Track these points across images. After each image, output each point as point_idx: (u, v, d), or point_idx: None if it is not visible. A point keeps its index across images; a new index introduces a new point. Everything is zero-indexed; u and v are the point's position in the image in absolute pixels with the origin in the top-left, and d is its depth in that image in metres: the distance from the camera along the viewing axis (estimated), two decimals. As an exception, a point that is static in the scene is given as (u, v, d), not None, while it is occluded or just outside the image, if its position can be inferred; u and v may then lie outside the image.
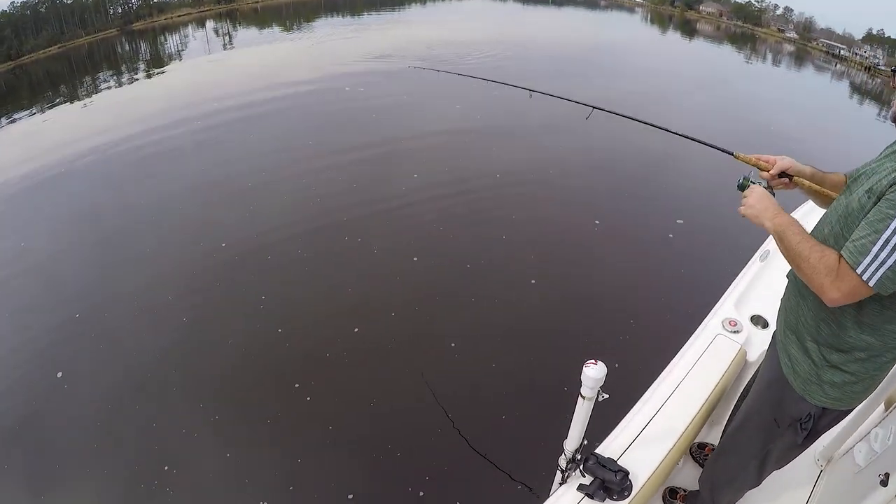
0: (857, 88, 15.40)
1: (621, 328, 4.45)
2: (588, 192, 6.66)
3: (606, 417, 1.90)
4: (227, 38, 33.01)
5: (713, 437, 2.40)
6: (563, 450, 1.80)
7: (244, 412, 4.23)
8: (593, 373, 1.55)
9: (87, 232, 7.58)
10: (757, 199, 1.63)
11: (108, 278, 6.18)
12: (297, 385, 4.33)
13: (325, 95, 12.17)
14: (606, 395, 1.63)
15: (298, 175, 8.04)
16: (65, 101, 19.67)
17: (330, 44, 20.07)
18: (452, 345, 4.46)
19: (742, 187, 1.79)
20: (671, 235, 5.46)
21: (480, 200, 6.65)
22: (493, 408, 3.85)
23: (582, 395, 1.62)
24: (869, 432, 2.00)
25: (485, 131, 8.90)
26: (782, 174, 1.76)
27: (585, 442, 1.77)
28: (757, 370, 1.95)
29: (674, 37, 16.72)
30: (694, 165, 6.88)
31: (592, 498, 1.70)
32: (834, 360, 1.54)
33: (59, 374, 4.77)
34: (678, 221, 5.52)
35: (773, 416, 1.73)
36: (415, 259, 5.68)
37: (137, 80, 21.99)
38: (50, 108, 18.76)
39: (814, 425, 1.65)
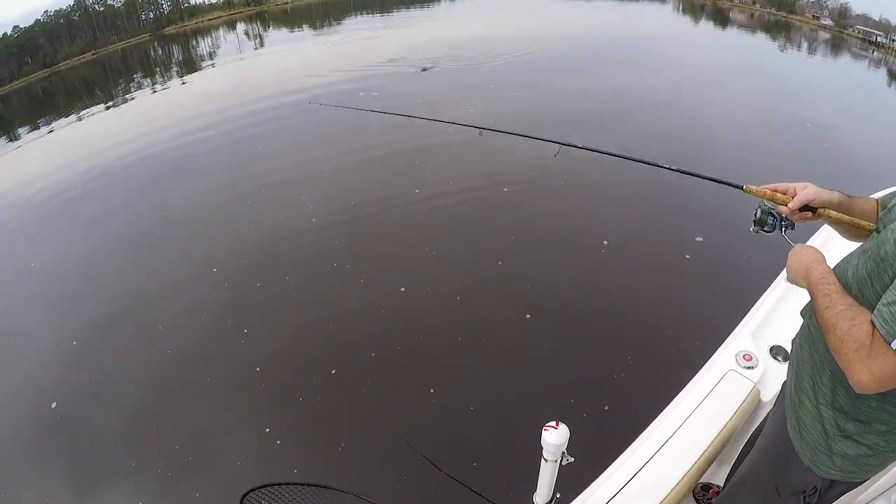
0: (895, 76, 14.82)
1: (621, 363, 4.18)
2: (597, 208, 6.39)
3: (599, 459, 1.84)
4: (257, 39, 33.39)
5: (720, 477, 2.24)
6: (534, 502, 1.71)
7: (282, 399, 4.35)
8: (552, 438, 1.43)
9: (127, 230, 7.94)
10: (794, 258, 1.41)
11: (148, 274, 6.47)
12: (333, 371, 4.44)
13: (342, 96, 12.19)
14: (571, 459, 1.51)
15: (321, 174, 8.21)
16: (100, 106, 20.11)
17: (350, 44, 20.07)
18: (431, 390, 4.22)
19: (761, 223, 1.58)
20: (688, 256, 5.23)
21: (482, 209, 6.56)
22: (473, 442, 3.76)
23: (544, 458, 1.51)
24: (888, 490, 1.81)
25: (491, 139, 8.69)
26: (805, 207, 1.50)
27: (558, 495, 1.67)
28: (766, 416, 1.79)
29: (706, 26, 16.26)
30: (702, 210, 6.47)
31: None
32: (849, 431, 1.33)
33: (106, 361, 5.15)
34: (697, 239, 5.28)
35: (774, 482, 1.57)
36: (432, 251, 5.79)
37: (171, 83, 22.43)
38: (86, 113, 19.26)
39: (819, 499, 1.47)
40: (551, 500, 1.67)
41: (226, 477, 3.77)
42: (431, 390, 4.01)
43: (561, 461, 1.51)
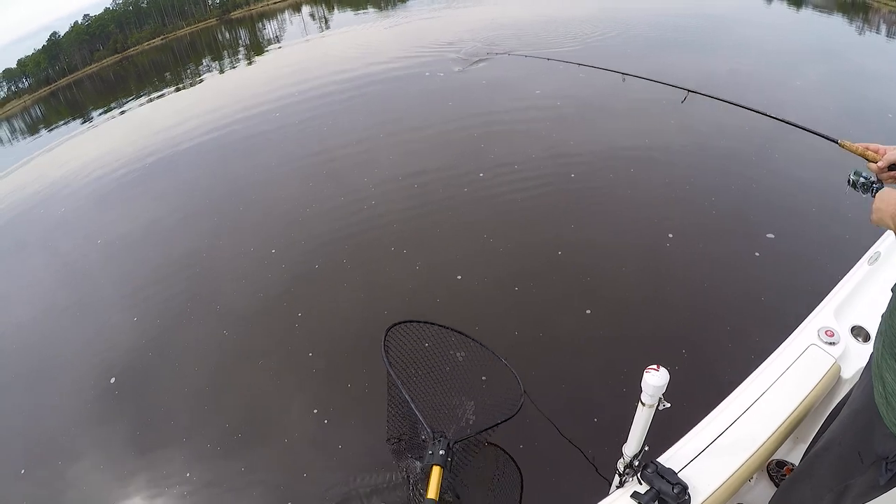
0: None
1: (700, 333, 4.10)
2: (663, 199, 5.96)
3: (678, 423, 1.82)
4: (322, 21, 33.92)
5: (795, 455, 2.24)
6: (623, 454, 1.75)
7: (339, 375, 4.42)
8: (654, 380, 1.48)
9: (198, 204, 8.31)
10: (881, 201, 1.44)
11: (215, 248, 6.75)
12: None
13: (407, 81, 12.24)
14: (668, 405, 1.55)
15: (388, 148, 8.34)
16: (170, 88, 20.93)
17: (409, 25, 20.02)
18: (516, 333, 4.32)
19: (855, 184, 1.63)
20: (758, 254, 4.94)
21: (546, 195, 6.32)
22: (564, 402, 3.75)
23: (641, 402, 1.56)
24: None
25: (560, 119, 8.44)
26: (893, 166, 1.55)
27: (647, 448, 1.71)
28: (851, 389, 1.77)
29: (779, 7, 15.30)
30: (792, 164, 6.05)
31: None
32: None
33: (168, 333, 5.39)
34: (768, 236, 5.01)
35: (857, 448, 1.55)
36: (488, 237, 5.64)
37: (238, 65, 23.06)
38: (157, 95, 20.07)
39: None
40: (639, 453, 1.71)
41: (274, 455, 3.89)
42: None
43: (658, 406, 1.56)
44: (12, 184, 13.46)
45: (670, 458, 1.76)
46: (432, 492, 2.31)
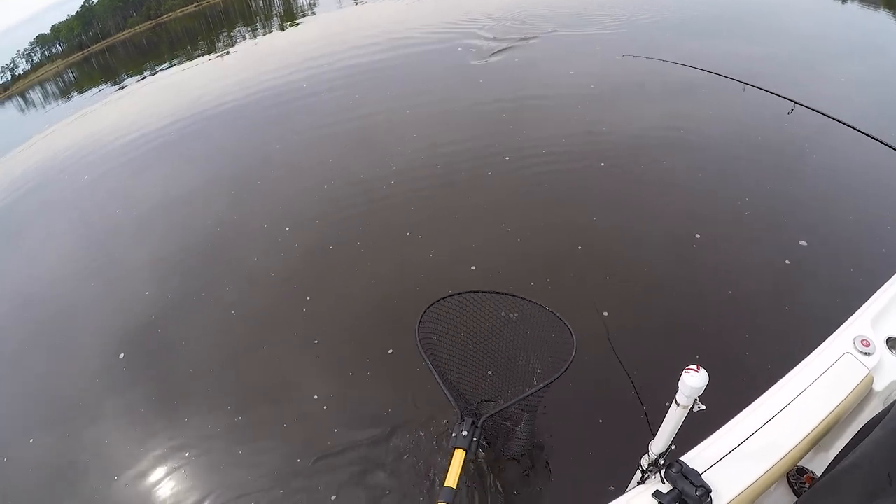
0: None
1: (729, 335, 3.96)
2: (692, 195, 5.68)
3: (703, 423, 1.79)
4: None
5: (816, 464, 2.18)
6: (648, 450, 1.73)
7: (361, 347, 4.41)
8: (692, 381, 1.45)
9: (227, 169, 8.42)
10: None
11: (242, 214, 6.82)
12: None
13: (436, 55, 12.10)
14: (703, 407, 1.53)
15: (407, 134, 8.05)
16: (202, 56, 21.02)
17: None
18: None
19: None
20: (787, 262, 4.70)
21: (570, 185, 6.08)
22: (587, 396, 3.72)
23: (676, 402, 1.54)
24: None
25: (586, 107, 8.03)
26: None
27: (673, 447, 1.69)
28: (889, 408, 1.72)
29: None
30: (829, 167, 5.69)
31: None
32: None
33: (197, 297, 5.50)
34: (801, 243, 4.78)
35: (887, 469, 1.52)
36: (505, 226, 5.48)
37: (271, 33, 23.07)
38: (190, 63, 20.23)
39: None
40: (666, 452, 1.70)
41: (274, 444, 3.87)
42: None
43: (692, 408, 1.54)
44: (43, 147, 13.79)
45: (694, 459, 1.73)
46: (451, 479, 2.21)
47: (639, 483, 1.77)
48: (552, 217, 5.54)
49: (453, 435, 2.42)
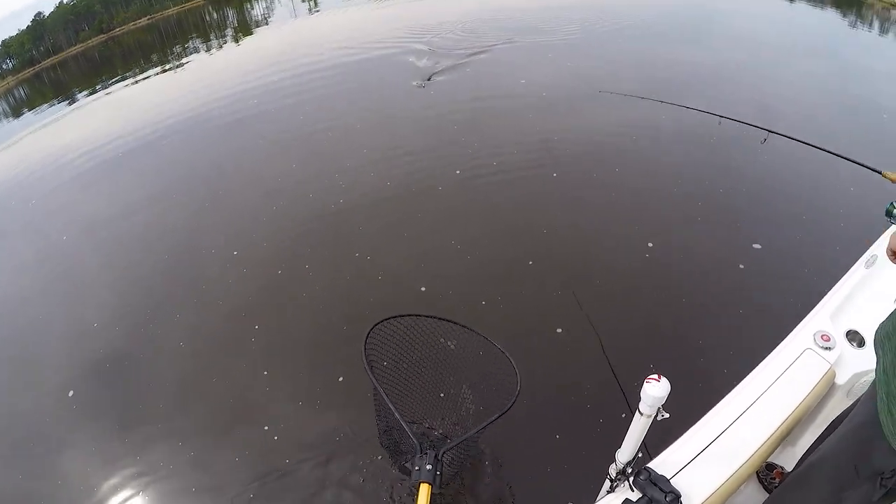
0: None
1: (688, 340, 4.01)
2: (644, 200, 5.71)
3: (669, 428, 1.78)
4: (312, 1, 33.52)
5: (785, 458, 2.22)
6: (615, 459, 1.73)
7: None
8: (654, 391, 1.45)
9: (177, 187, 8.22)
10: None
11: (190, 237, 6.65)
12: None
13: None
14: (667, 415, 1.53)
15: (360, 146, 8.08)
16: (156, 69, 20.66)
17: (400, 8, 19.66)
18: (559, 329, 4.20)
19: (889, 213, 1.75)
20: (755, 247, 4.72)
21: (522, 195, 6.11)
22: (551, 406, 3.66)
23: (639, 411, 1.54)
24: None
25: (530, 113, 8.20)
26: None
27: (640, 455, 1.69)
28: (855, 403, 1.75)
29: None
30: (779, 168, 5.86)
31: None
32: None
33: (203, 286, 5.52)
34: (755, 246, 4.75)
35: (854, 462, 1.56)
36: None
37: (225, 46, 22.79)
38: (142, 76, 19.82)
39: None
40: (633, 460, 1.69)
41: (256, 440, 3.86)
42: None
43: (656, 416, 1.53)
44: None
45: (662, 464, 1.74)
46: None
47: (608, 492, 1.77)
48: (501, 232, 5.55)
49: (416, 468, 2.33)
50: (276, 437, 3.83)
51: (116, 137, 11.40)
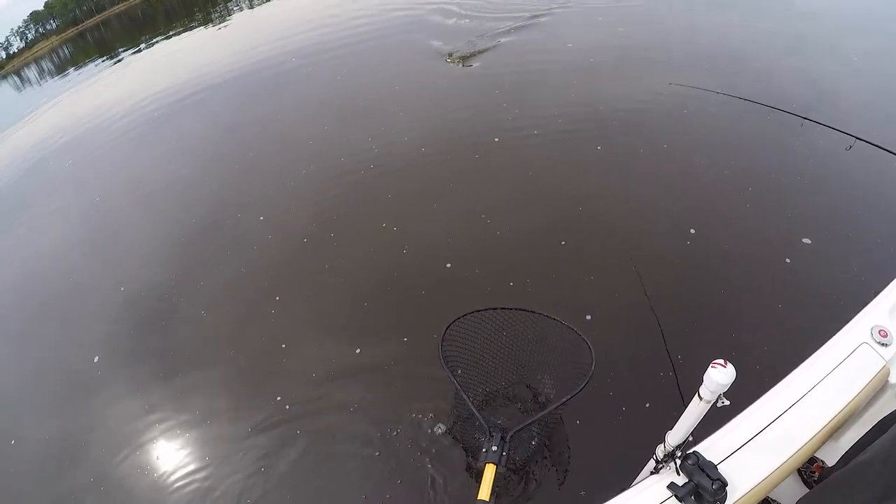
0: None
1: (743, 324, 3.83)
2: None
3: (718, 412, 1.74)
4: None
5: (827, 452, 2.12)
6: (664, 440, 1.70)
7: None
8: (719, 376, 1.41)
9: (225, 145, 8.26)
10: None
11: (240, 189, 6.74)
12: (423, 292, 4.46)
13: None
14: (727, 402, 1.50)
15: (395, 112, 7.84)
16: (198, 26, 20.76)
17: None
18: (588, 317, 3.95)
19: None
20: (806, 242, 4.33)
21: (552, 174, 5.66)
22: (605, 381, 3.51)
23: (699, 396, 1.50)
24: None
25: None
26: None
27: (690, 439, 1.66)
28: None
29: None
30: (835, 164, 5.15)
31: (681, 502, 1.58)
32: None
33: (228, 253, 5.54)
34: (804, 241, 4.34)
35: None
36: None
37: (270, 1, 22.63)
38: (186, 31, 19.96)
39: None
40: (683, 444, 1.66)
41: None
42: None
43: (715, 402, 1.51)
44: (41, 125, 13.72)
45: (709, 449, 1.69)
46: (484, 492, 2.28)
47: (651, 472, 1.73)
48: (537, 209, 5.21)
49: (483, 450, 2.48)
50: (287, 407, 3.90)
51: (155, 96, 11.64)
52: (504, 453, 2.44)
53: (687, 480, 1.60)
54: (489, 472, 2.35)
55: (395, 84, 8.70)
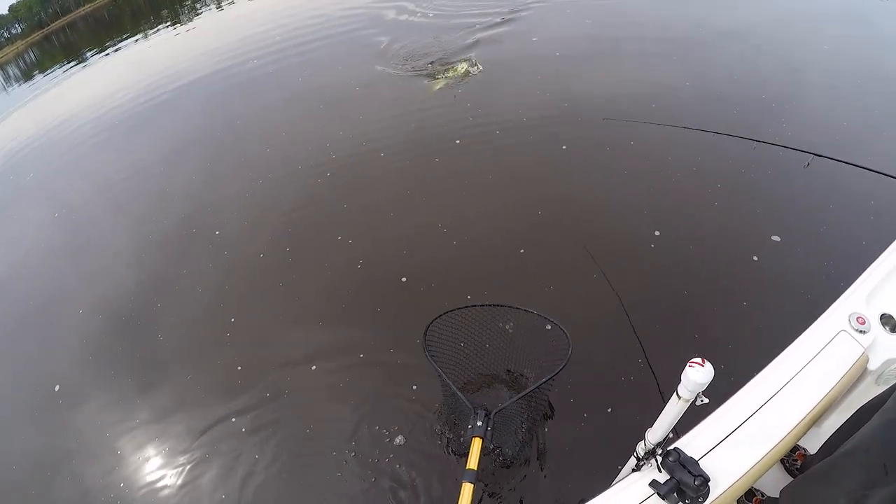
0: None
1: (717, 319, 3.79)
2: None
3: (697, 407, 1.74)
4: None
5: (808, 440, 2.15)
6: (644, 438, 1.68)
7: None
8: (696, 376, 1.38)
9: (197, 143, 8.24)
10: None
11: (196, 203, 6.58)
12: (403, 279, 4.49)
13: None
14: (706, 400, 1.48)
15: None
16: (166, 26, 20.46)
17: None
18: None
19: None
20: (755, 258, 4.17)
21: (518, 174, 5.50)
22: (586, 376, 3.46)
23: (678, 394, 1.48)
24: None
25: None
26: None
27: (671, 436, 1.64)
28: (886, 392, 1.70)
29: None
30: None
31: (663, 499, 1.57)
32: None
33: (183, 271, 5.42)
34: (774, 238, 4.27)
35: (883, 460, 1.51)
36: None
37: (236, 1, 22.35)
38: (153, 33, 19.67)
39: None
40: (663, 441, 1.65)
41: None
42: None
43: (694, 401, 1.49)
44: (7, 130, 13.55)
45: (689, 445, 1.69)
46: (472, 462, 2.48)
47: (633, 470, 1.72)
48: (491, 217, 5.05)
49: (469, 426, 2.69)
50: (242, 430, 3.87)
51: (124, 99, 11.53)
52: (489, 428, 2.64)
53: (669, 478, 1.59)
54: (476, 445, 2.57)
55: (356, 86, 8.51)
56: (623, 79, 6.85)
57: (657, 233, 4.44)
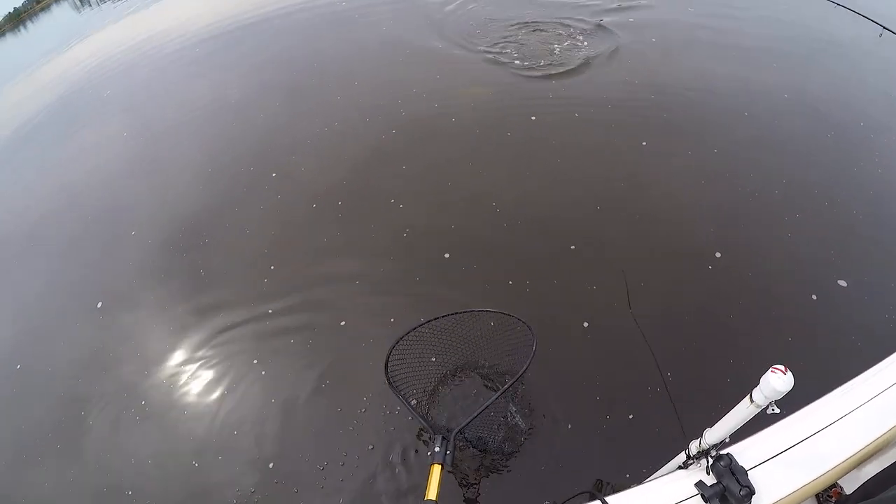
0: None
1: (788, 334, 3.59)
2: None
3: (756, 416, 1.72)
4: None
5: (847, 479, 1.97)
6: (701, 437, 1.68)
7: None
8: (777, 382, 1.37)
9: (275, 80, 8.20)
10: None
11: (294, 124, 6.77)
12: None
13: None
14: (777, 410, 1.47)
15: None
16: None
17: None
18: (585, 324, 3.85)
19: None
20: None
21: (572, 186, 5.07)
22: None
23: (751, 398, 1.47)
24: None
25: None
26: None
27: (727, 440, 1.64)
28: None
29: None
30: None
31: (706, 502, 1.57)
32: None
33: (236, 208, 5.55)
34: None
35: None
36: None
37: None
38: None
39: None
40: (720, 444, 1.65)
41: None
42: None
43: (766, 408, 1.48)
44: (98, 45, 14.01)
45: (741, 454, 1.66)
46: (432, 492, 2.30)
47: (680, 467, 1.74)
48: (548, 207, 4.86)
49: (428, 454, 2.61)
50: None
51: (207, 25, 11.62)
52: (448, 451, 2.49)
53: (716, 482, 1.59)
54: (435, 472, 2.39)
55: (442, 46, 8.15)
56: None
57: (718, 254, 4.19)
